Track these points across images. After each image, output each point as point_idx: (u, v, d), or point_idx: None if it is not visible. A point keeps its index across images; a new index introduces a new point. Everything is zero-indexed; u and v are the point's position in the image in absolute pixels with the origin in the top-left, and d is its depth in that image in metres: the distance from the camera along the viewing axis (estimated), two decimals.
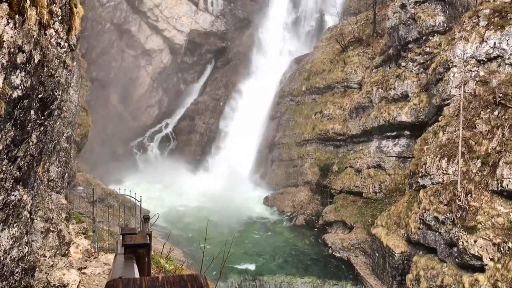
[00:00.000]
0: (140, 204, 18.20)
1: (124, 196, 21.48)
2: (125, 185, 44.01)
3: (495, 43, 26.15)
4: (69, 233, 11.12)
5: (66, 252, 10.90)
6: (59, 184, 13.13)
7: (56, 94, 7.20)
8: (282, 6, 61.83)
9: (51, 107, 7.09)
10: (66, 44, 7.91)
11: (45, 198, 10.32)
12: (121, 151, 58.51)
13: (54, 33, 7.18)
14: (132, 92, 61.46)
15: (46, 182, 11.51)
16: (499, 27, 26.12)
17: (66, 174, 14.81)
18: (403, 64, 36.45)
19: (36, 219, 9.11)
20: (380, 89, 38.22)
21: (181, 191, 48.08)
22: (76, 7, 9.88)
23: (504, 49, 25.71)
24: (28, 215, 6.74)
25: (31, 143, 6.43)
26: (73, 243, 11.85)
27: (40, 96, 6.63)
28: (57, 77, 7.19)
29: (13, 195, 5.99)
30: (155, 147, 63.15)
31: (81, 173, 39.20)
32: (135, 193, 18.73)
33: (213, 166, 55.96)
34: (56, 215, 10.69)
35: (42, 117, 6.92)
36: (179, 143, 63.09)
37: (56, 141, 11.95)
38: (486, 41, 26.53)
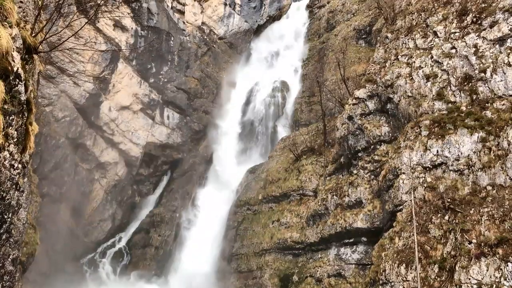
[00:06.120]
0: None
1: None
2: None
3: (437, 151, 27.84)
4: None
5: None
6: None
7: (5, 217, 6.91)
8: (236, 118, 64.26)
9: None
10: (19, 165, 7.79)
11: None
12: (70, 269, 54.91)
13: (8, 155, 7.09)
14: (85, 206, 59.53)
15: None
16: (440, 137, 28.02)
17: None
18: (355, 171, 37.76)
19: None
20: (335, 196, 39.00)
21: None
22: (31, 125, 9.91)
23: (446, 156, 27.35)
24: None
25: None
26: None
27: None
28: (8, 199, 6.96)
29: None
30: (107, 263, 59.79)
31: None
32: None
33: (169, 282, 53.29)
34: None
35: None
36: (133, 257, 60.20)
37: (1, 265, 11.20)
38: (430, 150, 28.23)
